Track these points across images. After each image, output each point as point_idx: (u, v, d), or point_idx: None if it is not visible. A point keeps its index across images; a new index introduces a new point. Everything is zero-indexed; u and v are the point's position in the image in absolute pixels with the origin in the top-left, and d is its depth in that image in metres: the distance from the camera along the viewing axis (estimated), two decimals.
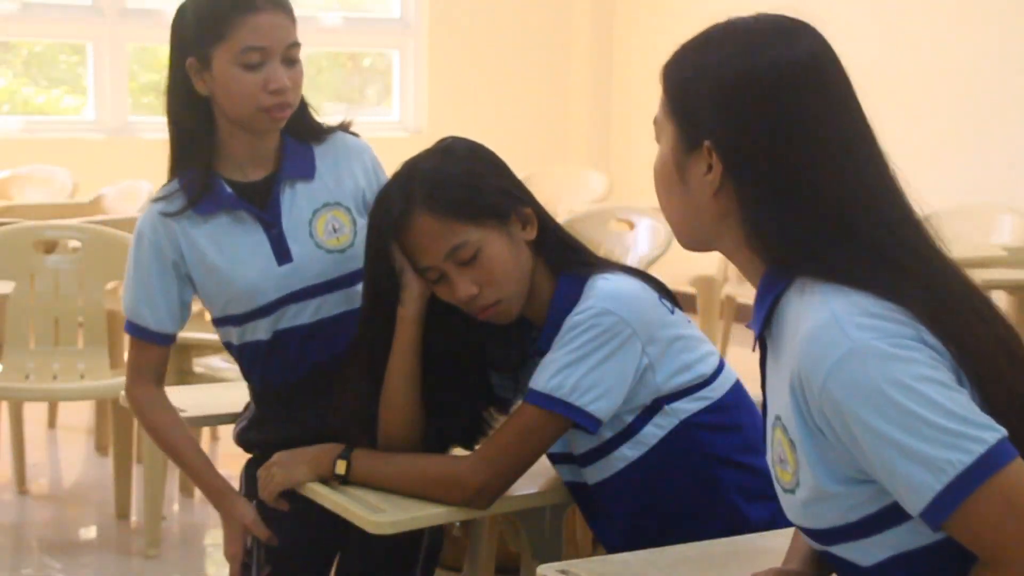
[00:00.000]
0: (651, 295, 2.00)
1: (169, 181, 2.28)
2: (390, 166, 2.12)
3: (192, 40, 2.20)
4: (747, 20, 1.49)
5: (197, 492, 4.33)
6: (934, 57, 6.40)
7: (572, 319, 1.94)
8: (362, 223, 2.25)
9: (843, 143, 1.43)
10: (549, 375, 1.94)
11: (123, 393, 2.60)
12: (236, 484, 2.41)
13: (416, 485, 2.01)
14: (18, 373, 3.97)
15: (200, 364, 4.13)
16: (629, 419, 1.98)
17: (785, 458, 1.43)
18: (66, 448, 4.97)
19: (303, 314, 2.28)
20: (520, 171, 7.63)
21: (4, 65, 7.46)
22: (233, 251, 2.25)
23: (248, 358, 2.33)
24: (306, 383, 2.29)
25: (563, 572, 1.70)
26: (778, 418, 1.43)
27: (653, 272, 2.08)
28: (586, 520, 2.13)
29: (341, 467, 2.06)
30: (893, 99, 6.03)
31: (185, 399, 2.53)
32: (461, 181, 2.00)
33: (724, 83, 1.44)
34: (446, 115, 7.91)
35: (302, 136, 2.31)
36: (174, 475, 4.24)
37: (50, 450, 4.93)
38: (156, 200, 2.26)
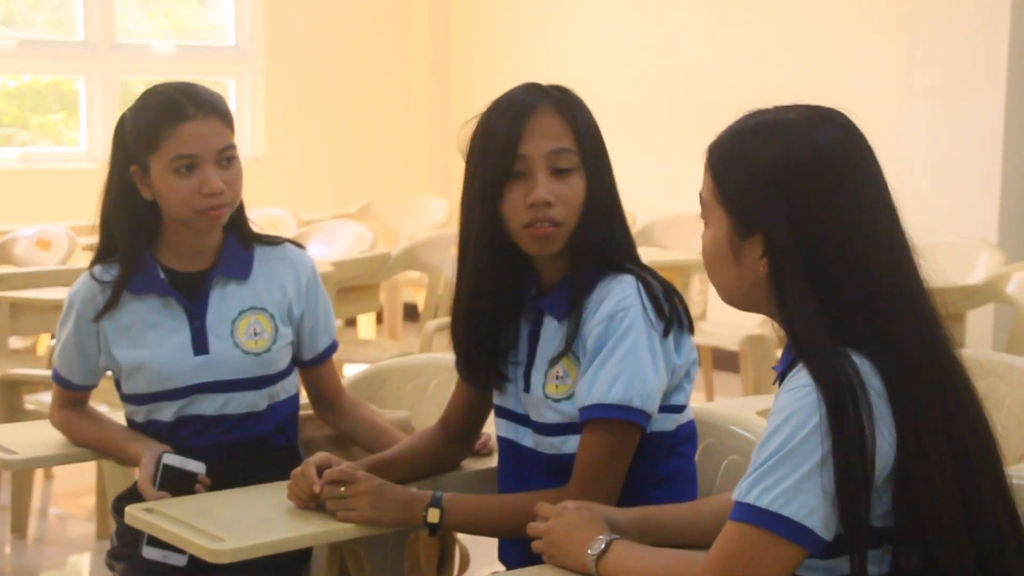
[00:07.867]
0: None
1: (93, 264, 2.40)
2: None
3: (132, 150, 2.34)
4: (781, 111, 1.64)
5: None
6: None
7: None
8: (283, 331, 2.39)
9: (873, 221, 1.58)
10: None
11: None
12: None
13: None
14: None
15: (31, 401, 4.03)
16: None
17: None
18: None
19: (209, 406, 2.37)
20: (360, 197, 7.59)
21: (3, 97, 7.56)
22: (153, 332, 2.36)
23: (150, 436, 2.38)
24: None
25: None
26: None
27: None
28: None
29: (433, 515, 1.99)
30: None
31: (15, 439, 2.46)
32: None
33: (772, 176, 1.58)
34: (284, 142, 7.85)
35: (244, 239, 2.43)
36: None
37: None
38: (93, 266, 2.38)
